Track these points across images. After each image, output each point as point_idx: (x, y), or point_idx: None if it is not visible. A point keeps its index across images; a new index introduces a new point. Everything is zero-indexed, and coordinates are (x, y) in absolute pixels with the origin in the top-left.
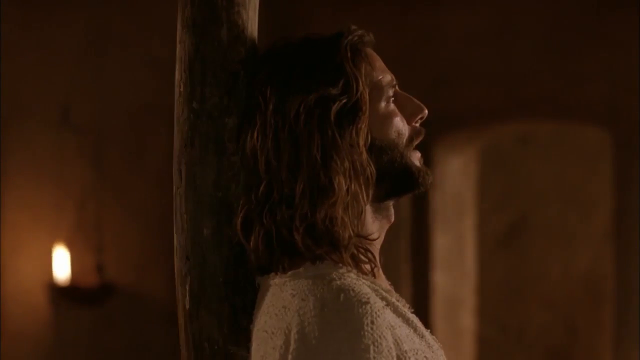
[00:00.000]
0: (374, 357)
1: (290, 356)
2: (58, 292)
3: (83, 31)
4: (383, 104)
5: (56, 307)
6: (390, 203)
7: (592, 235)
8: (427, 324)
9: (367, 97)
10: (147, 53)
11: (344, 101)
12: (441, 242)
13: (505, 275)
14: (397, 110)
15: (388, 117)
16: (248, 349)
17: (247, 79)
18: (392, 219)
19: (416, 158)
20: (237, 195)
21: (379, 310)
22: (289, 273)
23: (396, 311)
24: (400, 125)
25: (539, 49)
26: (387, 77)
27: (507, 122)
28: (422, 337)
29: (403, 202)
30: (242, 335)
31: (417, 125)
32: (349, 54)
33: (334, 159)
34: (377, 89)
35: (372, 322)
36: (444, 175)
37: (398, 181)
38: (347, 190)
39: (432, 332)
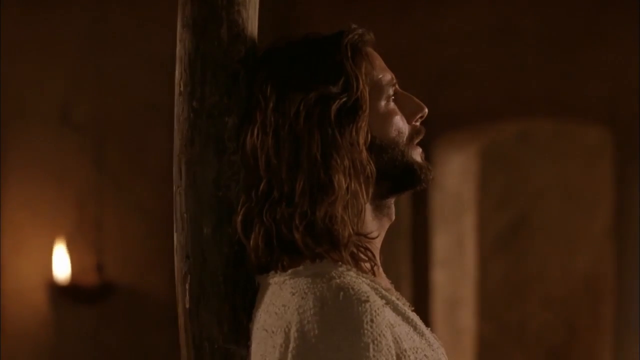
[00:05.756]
0: (374, 356)
1: (290, 354)
2: (58, 291)
3: (83, 30)
4: (383, 103)
5: (56, 306)
6: (392, 201)
7: (592, 234)
8: (427, 323)
9: (367, 95)
10: (147, 52)
11: (344, 100)
12: (441, 242)
13: (505, 274)
14: (397, 109)
15: (388, 115)
16: (248, 348)
17: (247, 77)
18: (393, 217)
19: (417, 154)
20: (237, 194)
21: (378, 309)
22: (289, 271)
23: (396, 310)
24: (400, 124)
25: (539, 47)
26: (387, 76)
27: (507, 121)
28: (422, 335)
29: (403, 201)
30: (242, 334)
31: (417, 124)
32: (349, 53)
33: (333, 158)
34: (377, 88)
35: (372, 321)
36: (444, 175)
37: (399, 178)
38: (347, 188)
39: (432, 331)
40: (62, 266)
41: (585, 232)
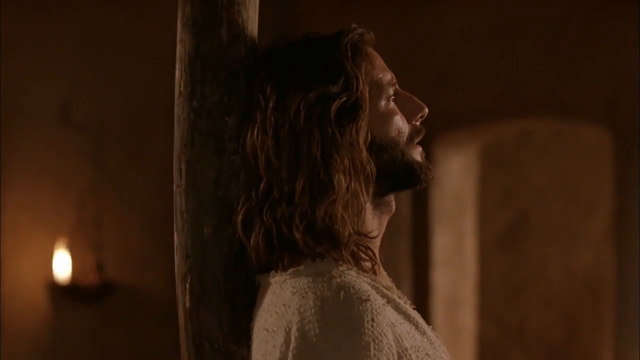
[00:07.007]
0: (374, 355)
1: (290, 354)
2: (58, 291)
3: (83, 30)
4: (383, 103)
5: (56, 306)
6: (391, 197)
7: (592, 233)
8: (427, 322)
9: (367, 95)
10: (147, 52)
11: (344, 99)
12: (441, 241)
13: (505, 274)
14: (397, 109)
15: (388, 115)
16: (248, 348)
17: (247, 77)
18: (393, 210)
19: (417, 153)
20: (237, 194)
21: (379, 308)
22: (289, 271)
23: (397, 308)
24: (400, 123)
25: (539, 47)
26: (387, 76)
27: (507, 121)
28: (423, 333)
29: (403, 200)
30: (242, 333)
31: (417, 123)
32: (349, 53)
33: (333, 157)
34: (377, 88)
35: (373, 320)
36: (444, 174)
37: (400, 178)
38: (347, 188)
39: (433, 330)
40: (62, 266)
41: (585, 232)
